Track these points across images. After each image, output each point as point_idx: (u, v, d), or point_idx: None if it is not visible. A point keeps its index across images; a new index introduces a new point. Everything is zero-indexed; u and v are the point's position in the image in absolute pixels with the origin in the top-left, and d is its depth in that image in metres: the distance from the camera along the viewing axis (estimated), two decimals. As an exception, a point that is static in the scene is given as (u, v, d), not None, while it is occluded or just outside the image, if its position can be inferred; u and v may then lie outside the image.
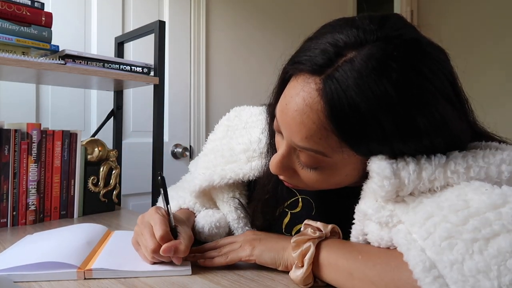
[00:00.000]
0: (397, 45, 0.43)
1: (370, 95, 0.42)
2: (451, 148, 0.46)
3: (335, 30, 0.46)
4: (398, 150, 0.45)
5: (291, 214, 0.67)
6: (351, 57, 0.43)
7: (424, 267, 0.39)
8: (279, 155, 0.52)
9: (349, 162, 0.48)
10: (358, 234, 0.51)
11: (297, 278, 0.51)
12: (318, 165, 0.49)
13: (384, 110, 0.42)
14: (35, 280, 0.54)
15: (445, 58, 0.47)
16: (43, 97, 1.34)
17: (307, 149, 0.48)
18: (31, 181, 0.92)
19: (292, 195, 0.67)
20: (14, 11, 0.91)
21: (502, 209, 0.39)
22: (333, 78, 0.43)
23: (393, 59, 0.42)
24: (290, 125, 0.48)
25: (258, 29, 1.96)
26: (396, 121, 0.43)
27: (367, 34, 0.44)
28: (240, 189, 0.72)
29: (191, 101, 1.75)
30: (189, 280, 0.55)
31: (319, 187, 0.54)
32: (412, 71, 0.43)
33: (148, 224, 0.59)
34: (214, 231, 0.68)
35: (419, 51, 0.44)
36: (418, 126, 0.43)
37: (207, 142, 0.80)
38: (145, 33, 1.21)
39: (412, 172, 0.44)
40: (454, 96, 0.46)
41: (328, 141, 0.46)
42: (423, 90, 0.43)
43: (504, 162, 0.44)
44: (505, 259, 0.36)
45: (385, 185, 0.44)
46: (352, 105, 0.42)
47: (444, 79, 0.45)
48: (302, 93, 0.46)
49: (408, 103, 0.43)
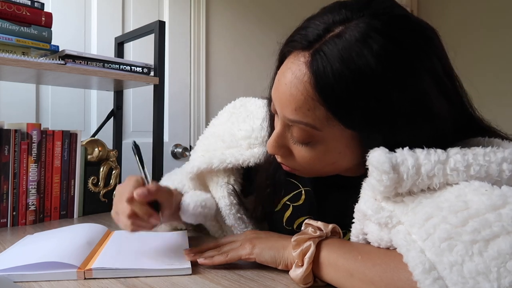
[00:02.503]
0: (384, 20, 0.45)
1: (353, 66, 0.43)
2: (437, 136, 0.47)
3: (327, 11, 0.49)
4: (381, 126, 0.46)
5: (293, 207, 0.66)
6: (338, 32, 0.45)
7: (423, 268, 0.39)
8: (274, 134, 0.54)
9: (339, 137, 0.49)
10: (358, 233, 0.51)
11: (297, 277, 0.51)
12: (310, 139, 0.50)
13: (364, 82, 0.44)
14: (35, 280, 0.54)
15: (434, 36, 0.47)
16: (43, 97, 1.34)
17: (297, 122, 0.49)
18: (31, 181, 0.92)
19: (295, 188, 0.67)
20: (14, 11, 0.91)
21: (502, 210, 0.38)
22: (320, 51, 0.45)
23: (377, 31, 0.44)
24: (281, 99, 0.50)
25: (258, 29, 1.96)
26: (374, 93, 0.44)
27: (355, 12, 0.46)
28: (236, 176, 0.72)
29: (191, 101, 1.75)
30: (189, 280, 0.55)
31: (314, 167, 0.54)
32: (395, 45, 0.44)
33: (125, 189, 0.59)
34: (199, 210, 0.68)
35: (406, 26, 0.45)
36: (392, 99, 0.44)
37: (209, 126, 0.81)
38: (145, 33, 1.21)
39: (411, 167, 0.43)
40: (444, 75, 0.46)
41: (316, 112, 0.47)
42: (405, 63, 0.44)
43: (505, 160, 0.44)
44: (505, 261, 0.36)
45: (384, 179, 0.44)
46: (336, 76, 0.44)
47: (433, 56, 0.45)
48: (292, 67, 0.48)
49: (387, 76, 0.43)
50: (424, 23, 0.47)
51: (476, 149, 0.45)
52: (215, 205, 0.71)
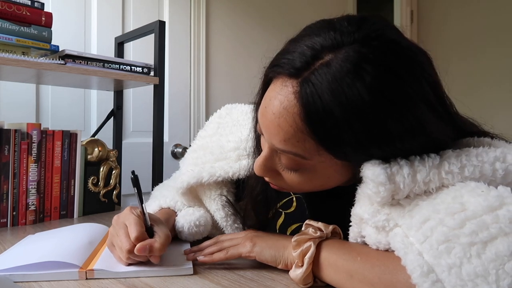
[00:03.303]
0: (374, 47, 0.42)
1: (343, 99, 0.41)
2: (431, 149, 0.46)
3: (314, 33, 0.46)
4: (374, 154, 0.45)
5: (285, 214, 0.66)
6: (327, 60, 0.43)
7: (422, 271, 0.39)
8: (261, 157, 0.53)
9: (329, 165, 0.49)
10: (356, 236, 0.51)
11: (296, 277, 0.51)
12: (298, 167, 0.50)
13: (357, 115, 0.42)
14: (36, 280, 0.54)
15: (426, 61, 0.46)
16: (43, 97, 1.34)
17: (286, 151, 0.48)
18: (31, 181, 0.93)
19: (286, 195, 0.67)
20: (14, 11, 0.91)
21: (499, 212, 0.38)
22: (309, 81, 0.43)
23: (369, 61, 0.42)
24: (269, 127, 0.48)
25: (258, 29, 1.96)
26: (368, 126, 0.43)
27: (345, 36, 0.43)
28: (228, 187, 0.71)
29: (191, 101, 1.75)
30: (189, 280, 0.55)
31: (303, 189, 0.54)
32: (388, 74, 0.42)
33: (123, 224, 0.58)
34: (194, 230, 0.68)
35: (397, 53, 0.43)
36: (390, 130, 0.43)
37: (196, 139, 0.80)
38: (145, 33, 1.21)
39: (406, 175, 0.43)
40: (436, 100, 0.45)
41: (305, 144, 0.46)
42: (399, 93, 0.42)
43: (498, 159, 0.44)
44: (503, 263, 0.36)
45: (381, 191, 0.44)
46: (326, 109, 0.42)
47: (424, 82, 0.44)
48: (279, 96, 0.46)
49: (381, 107, 0.42)
50: (415, 47, 0.46)
51: (469, 150, 0.45)
52: (210, 220, 0.71)
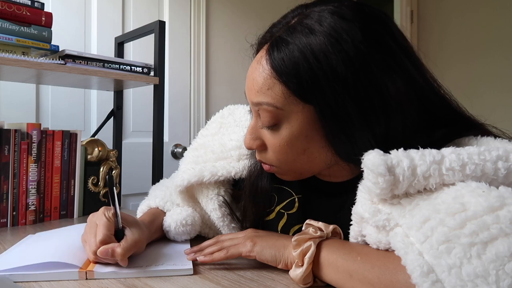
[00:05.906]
0: (335, 6, 0.51)
1: (302, 40, 0.49)
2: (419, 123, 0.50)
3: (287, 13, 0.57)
4: (337, 98, 0.49)
5: (288, 215, 0.66)
6: (294, 21, 0.53)
7: (422, 272, 0.39)
8: (249, 126, 0.58)
9: (301, 115, 0.52)
10: (357, 235, 0.51)
11: (296, 277, 0.51)
12: (275, 121, 0.53)
13: (313, 54, 0.48)
14: (36, 280, 0.54)
15: (388, 23, 0.52)
16: (43, 97, 1.34)
17: (261, 103, 0.53)
18: (31, 181, 0.93)
19: (289, 195, 0.67)
20: (14, 11, 0.91)
21: (499, 212, 0.38)
22: (277, 37, 0.52)
23: (329, 11, 0.50)
24: (248, 86, 0.56)
25: (258, 29, 1.96)
26: (324, 65, 0.48)
27: (310, 6, 0.53)
28: (226, 187, 0.71)
29: (191, 101, 1.75)
30: (189, 280, 0.55)
31: (288, 158, 0.55)
32: (343, 19, 0.49)
33: (94, 224, 0.60)
34: (181, 229, 0.69)
35: (354, 7, 0.51)
36: (345, 75, 0.48)
37: (197, 137, 0.80)
38: (145, 33, 1.21)
39: (406, 168, 0.43)
40: (402, 54, 0.50)
41: (275, 90, 0.51)
42: (354, 42, 0.48)
43: (500, 159, 0.43)
44: (504, 263, 0.36)
45: (380, 182, 0.44)
46: (286, 49, 0.50)
47: (388, 39, 0.50)
48: (257, 57, 0.55)
49: (335, 49, 0.48)
50: (378, 12, 0.53)
51: (470, 148, 0.45)
52: (198, 220, 0.72)
